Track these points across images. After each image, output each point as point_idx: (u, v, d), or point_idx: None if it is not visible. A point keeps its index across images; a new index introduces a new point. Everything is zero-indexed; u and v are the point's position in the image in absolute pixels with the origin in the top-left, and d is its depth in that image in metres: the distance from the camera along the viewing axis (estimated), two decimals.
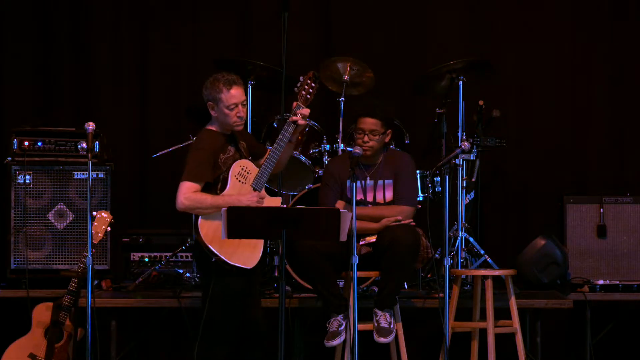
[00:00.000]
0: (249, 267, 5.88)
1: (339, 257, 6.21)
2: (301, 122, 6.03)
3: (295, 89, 6.06)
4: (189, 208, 5.89)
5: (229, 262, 5.82)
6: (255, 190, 5.94)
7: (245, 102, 6.03)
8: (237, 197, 5.90)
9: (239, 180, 5.96)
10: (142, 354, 7.67)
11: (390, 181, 6.55)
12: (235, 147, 6.06)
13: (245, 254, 5.86)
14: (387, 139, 6.58)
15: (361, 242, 6.46)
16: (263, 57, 7.53)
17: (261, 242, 5.91)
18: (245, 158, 6.04)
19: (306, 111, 6.04)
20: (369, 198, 6.57)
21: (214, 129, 6.05)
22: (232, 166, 5.95)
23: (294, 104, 6.04)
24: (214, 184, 5.95)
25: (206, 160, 5.92)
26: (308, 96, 6.05)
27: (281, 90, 6.29)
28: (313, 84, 6.05)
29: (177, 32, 8.46)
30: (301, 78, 6.06)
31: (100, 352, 6.53)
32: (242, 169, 5.97)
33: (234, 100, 5.97)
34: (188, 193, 5.87)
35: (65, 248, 7.39)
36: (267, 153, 6.13)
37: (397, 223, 6.42)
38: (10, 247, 7.37)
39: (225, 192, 5.91)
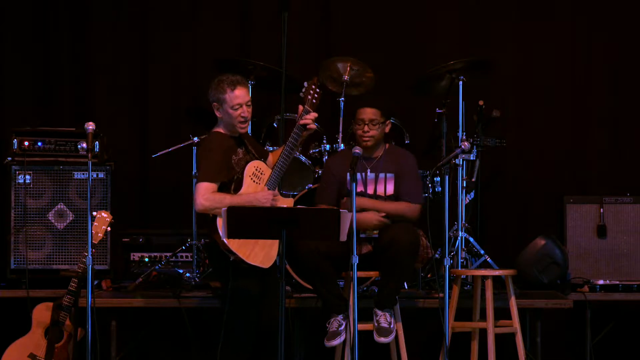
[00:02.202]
0: (265, 267, 5.89)
1: (339, 257, 6.20)
2: (311, 125, 6.06)
3: (301, 94, 6.10)
4: (208, 209, 5.89)
5: (246, 261, 5.82)
6: (269, 190, 5.97)
7: (249, 103, 6.07)
8: (254, 195, 5.92)
9: (254, 181, 5.97)
10: (142, 354, 7.67)
11: (392, 175, 6.56)
12: (245, 149, 6.08)
13: (262, 253, 5.88)
14: (387, 129, 6.59)
15: (362, 235, 6.43)
16: (263, 57, 7.53)
17: (276, 242, 5.88)
18: (257, 159, 6.05)
19: (313, 115, 6.07)
20: (370, 191, 6.57)
21: (221, 130, 6.08)
22: (246, 167, 5.97)
23: (300, 107, 6.07)
24: (228, 184, 5.95)
25: (220, 160, 5.95)
26: (314, 101, 6.09)
27: (281, 90, 6.29)
28: (318, 90, 6.09)
29: (177, 32, 8.45)
30: (305, 83, 6.10)
31: (100, 352, 6.53)
32: (256, 170, 6.00)
33: (238, 100, 6.01)
34: (207, 194, 5.88)
35: (65, 248, 7.39)
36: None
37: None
38: (10, 247, 7.37)
39: (241, 191, 5.92)
